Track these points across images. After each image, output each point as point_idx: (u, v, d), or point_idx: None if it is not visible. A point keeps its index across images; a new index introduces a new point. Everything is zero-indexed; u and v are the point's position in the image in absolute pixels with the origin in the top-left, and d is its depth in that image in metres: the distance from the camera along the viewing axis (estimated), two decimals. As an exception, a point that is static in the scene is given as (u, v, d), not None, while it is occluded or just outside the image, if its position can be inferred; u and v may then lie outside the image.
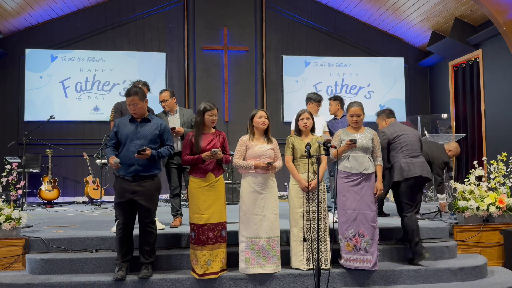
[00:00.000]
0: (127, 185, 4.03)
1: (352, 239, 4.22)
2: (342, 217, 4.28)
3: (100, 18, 9.30)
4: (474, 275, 4.42)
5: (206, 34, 9.44)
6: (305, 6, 9.87)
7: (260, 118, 4.25)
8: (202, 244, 4.05)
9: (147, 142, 4.07)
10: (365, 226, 4.20)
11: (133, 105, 4.07)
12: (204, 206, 4.10)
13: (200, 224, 4.07)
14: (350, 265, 4.24)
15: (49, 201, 8.07)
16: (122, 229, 4.05)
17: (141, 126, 4.12)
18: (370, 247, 4.19)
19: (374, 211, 4.24)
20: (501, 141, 7.81)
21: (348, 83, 9.89)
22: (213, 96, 9.17)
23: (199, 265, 4.05)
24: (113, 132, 4.16)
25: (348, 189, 4.27)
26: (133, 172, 4.02)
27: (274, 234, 4.15)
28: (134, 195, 4.02)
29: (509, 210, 5.05)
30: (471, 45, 8.59)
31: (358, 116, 4.37)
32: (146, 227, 4.10)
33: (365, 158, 4.29)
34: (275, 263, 4.14)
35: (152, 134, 4.11)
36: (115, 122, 4.22)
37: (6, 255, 4.38)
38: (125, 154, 4.04)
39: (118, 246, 4.06)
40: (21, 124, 8.87)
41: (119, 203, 4.06)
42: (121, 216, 4.06)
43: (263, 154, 4.19)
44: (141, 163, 4.02)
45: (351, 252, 4.23)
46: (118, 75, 9.14)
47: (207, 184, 4.13)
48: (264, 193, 4.16)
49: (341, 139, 4.39)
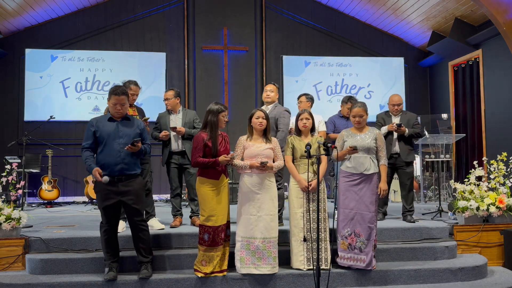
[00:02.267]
0: (113, 186, 3.94)
1: (347, 238, 4.24)
2: (340, 215, 4.31)
3: (100, 18, 9.29)
4: (474, 275, 4.42)
5: (206, 34, 9.44)
6: (305, 6, 9.87)
7: (257, 118, 4.24)
8: (216, 245, 4.05)
9: (130, 141, 4.00)
10: (362, 226, 4.21)
11: (120, 104, 4.01)
12: (219, 208, 4.09)
13: (216, 226, 4.05)
14: (344, 263, 4.27)
15: (49, 201, 8.07)
16: (108, 230, 4.02)
17: (122, 125, 4.06)
18: (365, 247, 4.20)
19: (372, 212, 4.24)
20: (501, 141, 7.81)
21: (348, 83, 9.88)
22: (213, 96, 9.16)
23: (212, 265, 4.04)
24: (91, 131, 4.00)
25: (348, 189, 4.28)
26: (118, 171, 3.94)
27: (270, 235, 4.12)
28: (121, 196, 3.96)
29: (509, 210, 5.04)
30: (471, 45, 8.58)
31: (360, 116, 4.39)
32: (138, 226, 4.07)
33: (366, 159, 4.30)
34: (271, 264, 4.11)
35: (134, 132, 4.07)
36: (91, 121, 4.09)
37: (6, 255, 4.38)
38: (108, 154, 3.95)
39: (106, 248, 4.03)
40: (21, 124, 8.86)
41: (106, 207, 3.97)
42: (106, 218, 4.01)
43: (260, 154, 4.17)
44: (126, 161, 3.96)
45: (345, 250, 4.25)
46: (118, 75, 9.12)
47: (220, 186, 4.13)
48: (260, 193, 4.14)
49: (344, 140, 4.40)
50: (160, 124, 5.21)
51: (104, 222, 4.03)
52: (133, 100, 5.01)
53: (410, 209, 5.34)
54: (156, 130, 5.24)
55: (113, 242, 4.07)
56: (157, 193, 8.62)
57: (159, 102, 9.06)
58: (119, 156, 3.95)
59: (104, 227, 4.03)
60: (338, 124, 5.70)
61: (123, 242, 4.37)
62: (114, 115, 4.08)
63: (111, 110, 4.09)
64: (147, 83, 9.04)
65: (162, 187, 8.83)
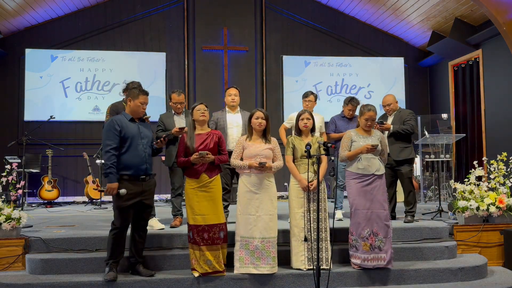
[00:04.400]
0: (137, 186, 3.98)
1: (368, 239, 4.22)
2: (358, 217, 4.25)
3: (100, 18, 9.29)
4: (474, 275, 4.42)
5: (206, 34, 9.44)
6: (305, 6, 9.87)
7: (257, 119, 4.24)
8: (198, 244, 4.06)
9: (150, 142, 4.14)
10: (379, 225, 4.21)
11: (145, 104, 4.08)
12: (198, 207, 4.09)
13: (195, 225, 4.07)
14: (367, 265, 4.22)
15: (49, 201, 8.07)
16: (122, 231, 3.99)
17: (141, 126, 4.12)
18: (384, 245, 4.20)
19: (386, 210, 4.28)
20: (501, 141, 7.81)
21: (348, 83, 9.88)
22: (213, 96, 9.16)
23: (199, 265, 4.06)
24: (117, 131, 3.92)
25: (361, 190, 4.27)
26: (144, 171, 4.01)
27: (269, 235, 4.11)
28: (142, 195, 4.02)
29: (509, 210, 5.04)
30: (471, 45, 8.58)
31: (373, 120, 4.41)
32: (145, 226, 4.13)
33: (375, 160, 4.33)
34: (270, 264, 4.11)
35: (150, 134, 4.19)
36: (114, 121, 3.98)
37: (6, 255, 4.38)
38: (135, 154, 3.97)
39: (114, 247, 3.98)
40: (21, 124, 8.86)
41: (128, 206, 3.94)
42: (125, 220, 3.97)
43: (259, 154, 4.17)
44: (150, 161, 4.08)
45: (368, 251, 4.21)
46: (118, 75, 9.13)
47: (201, 185, 4.12)
48: (259, 193, 4.14)
49: (352, 140, 4.39)
50: (165, 125, 5.21)
51: (119, 224, 3.95)
52: None
53: (410, 210, 5.31)
54: (160, 131, 5.24)
55: (122, 243, 4.05)
56: (157, 193, 8.60)
57: (159, 102, 9.12)
58: (144, 157, 4.01)
59: (117, 228, 3.96)
60: (339, 125, 5.69)
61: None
62: (137, 115, 4.09)
63: (136, 110, 4.05)
64: (147, 83, 9.02)
65: (162, 187, 8.83)
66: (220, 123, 5.23)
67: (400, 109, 5.57)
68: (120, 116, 4.10)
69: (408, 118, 5.39)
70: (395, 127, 5.31)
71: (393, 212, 5.48)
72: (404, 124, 5.35)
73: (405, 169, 5.35)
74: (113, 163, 3.87)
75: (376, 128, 5.13)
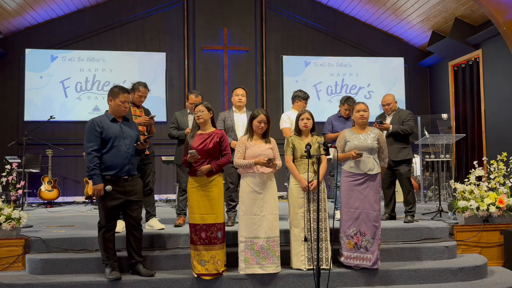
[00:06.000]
0: (119, 186, 3.97)
1: (353, 237, 4.23)
2: (345, 215, 4.29)
3: (100, 18, 9.29)
4: (474, 275, 4.42)
5: (206, 34, 9.44)
6: (305, 6, 9.86)
7: (259, 122, 4.24)
8: (194, 243, 4.09)
9: (133, 141, 4.08)
10: (367, 225, 4.21)
11: (128, 102, 4.06)
12: (197, 206, 4.12)
13: (193, 223, 4.11)
14: (350, 262, 4.26)
15: (49, 201, 8.07)
16: (109, 229, 4.02)
17: (124, 126, 4.09)
18: (371, 246, 4.20)
19: (377, 211, 4.25)
20: (501, 141, 7.81)
21: (348, 83, 9.88)
22: (213, 96, 9.17)
23: (194, 264, 4.08)
24: (97, 132, 3.90)
25: (352, 188, 4.28)
26: (126, 172, 3.99)
27: (273, 234, 4.15)
28: (127, 195, 4.00)
29: (509, 210, 5.04)
30: (471, 45, 8.58)
31: (364, 111, 4.40)
32: (137, 225, 4.11)
33: (369, 159, 4.30)
34: (275, 263, 4.13)
35: (135, 133, 4.14)
36: (95, 122, 3.95)
37: (6, 255, 4.38)
38: (116, 154, 3.95)
39: (106, 248, 4.00)
40: (21, 124, 8.86)
41: (112, 207, 3.97)
42: (108, 219, 3.99)
43: (262, 154, 4.18)
44: (132, 161, 4.05)
45: (351, 250, 4.24)
46: (118, 75, 9.13)
47: (199, 184, 4.14)
48: (263, 193, 4.16)
49: (346, 140, 4.40)
50: (179, 123, 5.21)
51: (104, 223, 4.01)
52: (140, 102, 5.02)
53: (410, 210, 5.31)
54: (174, 129, 5.24)
55: (112, 242, 4.07)
56: (157, 193, 8.61)
57: (159, 102, 9.13)
58: (126, 157, 3.99)
59: (104, 228, 4.01)
60: (336, 125, 5.69)
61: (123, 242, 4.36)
62: (119, 114, 4.07)
63: (117, 109, 4.04)
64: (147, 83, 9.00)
65: (162, 187, 8.83)
66: (227, 122, 5.27)
67: (399, 109, 5.57)
68: (102, 116, 4.08)
69: (407, 118, 5.39)
70: (394, 127, 5.32)
71: (393, 212, 5.49)
72: (403, 124, 5.36)
73: (404, 169, 5.37)
74: (96, 164, 3.88)
75: (375, 127, 5.14)
